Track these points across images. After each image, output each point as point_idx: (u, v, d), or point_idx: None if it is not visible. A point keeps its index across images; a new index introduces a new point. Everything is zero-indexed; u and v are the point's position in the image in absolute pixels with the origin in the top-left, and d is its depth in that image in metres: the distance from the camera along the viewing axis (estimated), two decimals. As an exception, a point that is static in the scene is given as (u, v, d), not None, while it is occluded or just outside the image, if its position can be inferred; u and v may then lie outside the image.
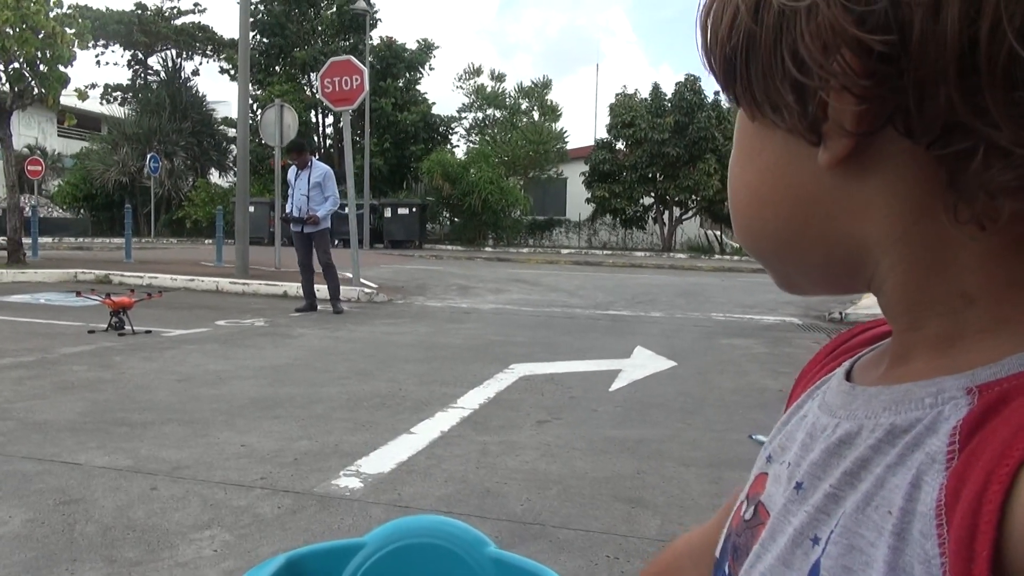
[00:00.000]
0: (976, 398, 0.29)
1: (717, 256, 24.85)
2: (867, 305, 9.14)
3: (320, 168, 8.50)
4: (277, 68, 30.23)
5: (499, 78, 29.71)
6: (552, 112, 28.82)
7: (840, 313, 9.05)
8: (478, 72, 29.74)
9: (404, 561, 0.92)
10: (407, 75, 30.09)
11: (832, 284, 0.37)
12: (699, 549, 0.56)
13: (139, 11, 31.59)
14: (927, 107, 0.28)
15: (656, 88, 26.15)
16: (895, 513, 0.29)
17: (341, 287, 8.83)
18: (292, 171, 8.54)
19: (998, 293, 0.30)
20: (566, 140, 28.41)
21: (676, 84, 25.91)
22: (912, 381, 0.32)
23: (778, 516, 0.36)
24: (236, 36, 18.93)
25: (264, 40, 29.59)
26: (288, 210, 8.53)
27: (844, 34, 0.28)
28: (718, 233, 28.57)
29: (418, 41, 30.98)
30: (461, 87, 29.81)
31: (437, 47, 31.06)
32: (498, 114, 29.44)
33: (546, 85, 29.31)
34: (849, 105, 0.29)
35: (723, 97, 0.37)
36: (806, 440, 0.37)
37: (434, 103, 30.39)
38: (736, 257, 24.05)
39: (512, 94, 29.31)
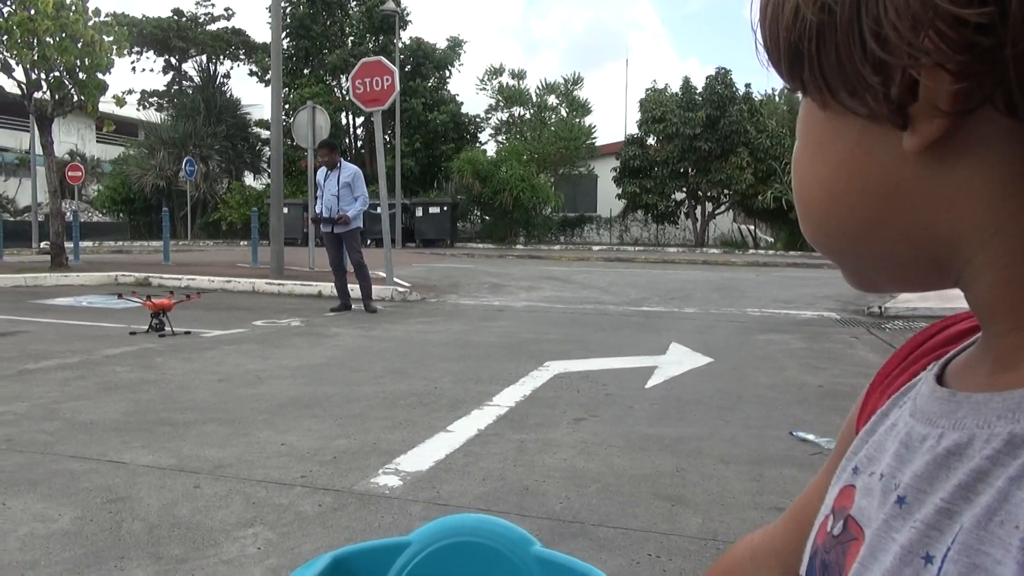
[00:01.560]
0: None
1: (751, 251, 24.55)
2: (906, 299, 8.94)
3: (349, 168, 8.52)
4: (306, 71, 30.56)
5: (520, 76, 29.70)
6: (582, 108, 28.71)
7: (879, 307, 8.88)
8: (500, 72, 29.76)
9: (449, 560, 0.92)
10: (436, 75, 30.20)
11: (914, 282, 0.35)
12: (761, 553, 0.54)
13: (176, 17, 32.16)
14: None
15: (687, 82, 25.92)
16: (1023, 528, 0.27)
17: (374, 286, 8.90)
18: (321, 172, 8.59)
19: None
20: (595, 136, 28.30)
21: (707, 78, 25.66)
22: None
23: (878, 533, 0.34)
24: (266, 40, 19.20)
25: (293, 43, 29.92)
26: (318, 211, 8.57)
27: (936, 7, 0.26)
28: (751, 227, 28.22)
29: (447, 40, 31.09)
30: (484, 88, 29.87)
31: (466, 42, 31.15)
32: (525, 113, 29.41)
33: (576, 81, 29.21)
34: (944, 83, 0.27)
35: (756, 90, 0.34)
36: (901, 451, 0.35)
37: (463, 102, 30.50)
38: (770, 252, 23.76)
39: (537, 91, 29.27)
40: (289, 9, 29.32)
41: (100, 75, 12.49)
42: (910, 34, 0.27)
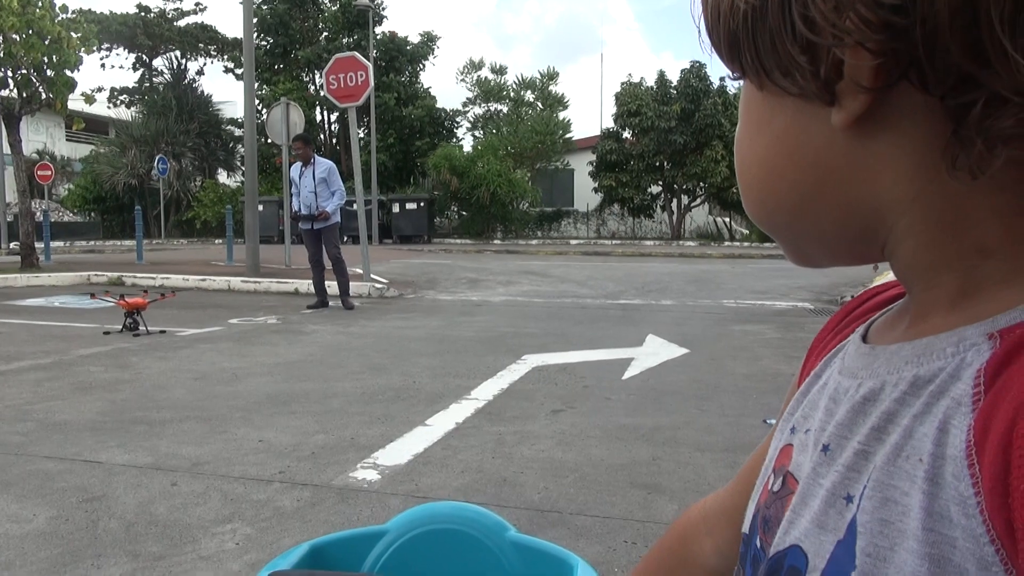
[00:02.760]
0: (998, 342, 0.30)
1: (727, 243, 24.77)
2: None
3: (324, 163, 8.44)
4: (281, 67, 30.28)
5: (500, 71, 29.69)
6: (559, 102, 28.76)
7: (852, 296, 9.01)
8: (479, 66, 29.74)
9: (426, 547, 0.93)
10: (409, 69, 30.06)
11: (847, 253, 0.37)
12: (712, 514, 0.56)
13: (142, 13, 31.67)
14: (938, 58, 0.28)
15: (662, 76, 26.05)
16: (926, 460, 0.30)
17: (351, 283, 8.86)
18: (296, 169, 8.50)
19: (1016, 245, 0.31)
20: (571, 130, 28.35)
21: (681, 71, 25.81)
22: (933, 335, 0.33)
23: (807, 480, 0.36)
24: (239, 35, 19.00)
25: (267, 39, 29.62)
26: (296, 208, 8.47)
27: None
28: (727, 220, 28.46)
29: (420, 34, 30.97)
30: (464, 81, 29.82)
31: (439, 38, 31.07)
32: (503, 108, 29.41)
33: (551, 76, 29.25)
34: (865, 61, 0.29)
35: (729, 83, 0.37)
36: (829, 405, 0.37)
37: (436, 97, 30.40)
38: (746, 244, 23.97)
39: (514, 86, 29.27)
40: (266, 6, 29.03)
41: (68, 72, 12.30)
42: (834, 16, 0.29)
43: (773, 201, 0.37)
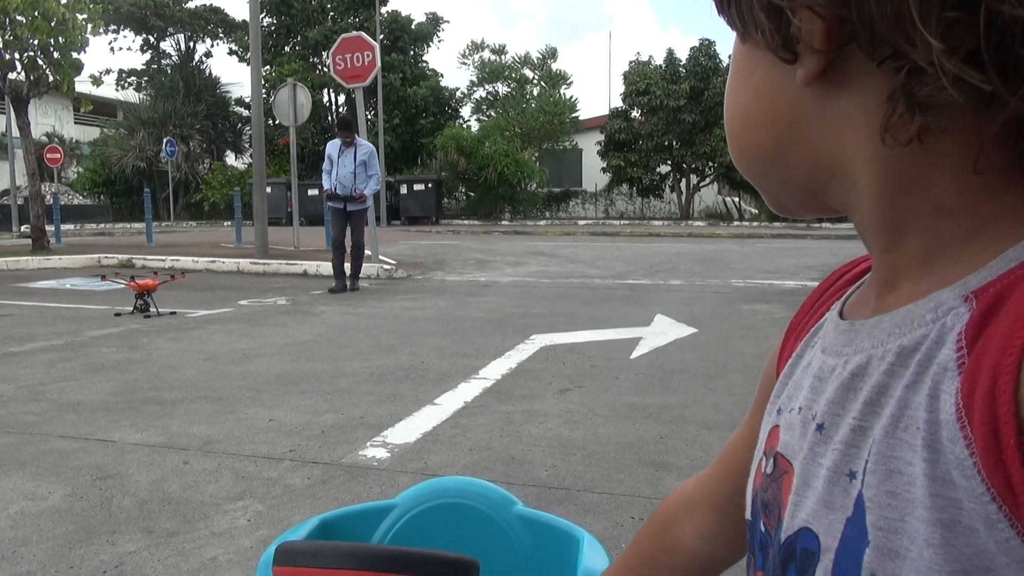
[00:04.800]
0: (975, 303, 0.30)
1: (736, 223, 24.63)
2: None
3: (366, 146, 8.35)
4: (287, 48, 30.14)
5: (499, 51, 29.50)
6: (562, 79, 28.57)
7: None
8: (481, 47, 29.54)
9: (434, 521, 0.94)
10: (414, 48, 29.88)
11: (816, 205, 0.39)
12: (693, 499, 0.57)
13: (155, -6, 31.53)
14: (872, 27, 0.30)
15: (670, 54, 25.81)
16: (922, 427, 0.30)
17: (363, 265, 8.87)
18: (334, 146, 8.34)
19: (973, 205, 0.32)
20: (578, 109, 28.18)
21: (691, 49, 25.58)
22: (911, 303, 0.33)
23: (805, 461, 0.36)
24: (245, 17, 18.96)
25: (272, 20, 29.47)
26: (330, 186, 8.28)
27: None
28: (736, 199, 28.30)
29: (427, 14, 30.75)
30: (466, 63, 29.65)
31: (445, 20, 30.87)
32: (504, 88, 29.26)
33: (551, 54, 29.09)
34: (815, 24, 0.31)
35: None
36: (815, 383, 0.38)
37: (442, 75, 30.25)
38: (755, 223, 23.85)
39: (515, 65, 29.11)
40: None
41: (75, 54, 12.29)
42: None
43: (751, 149, 0.39)
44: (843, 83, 0.33)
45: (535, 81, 29.02)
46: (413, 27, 29.64)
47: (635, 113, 26.21)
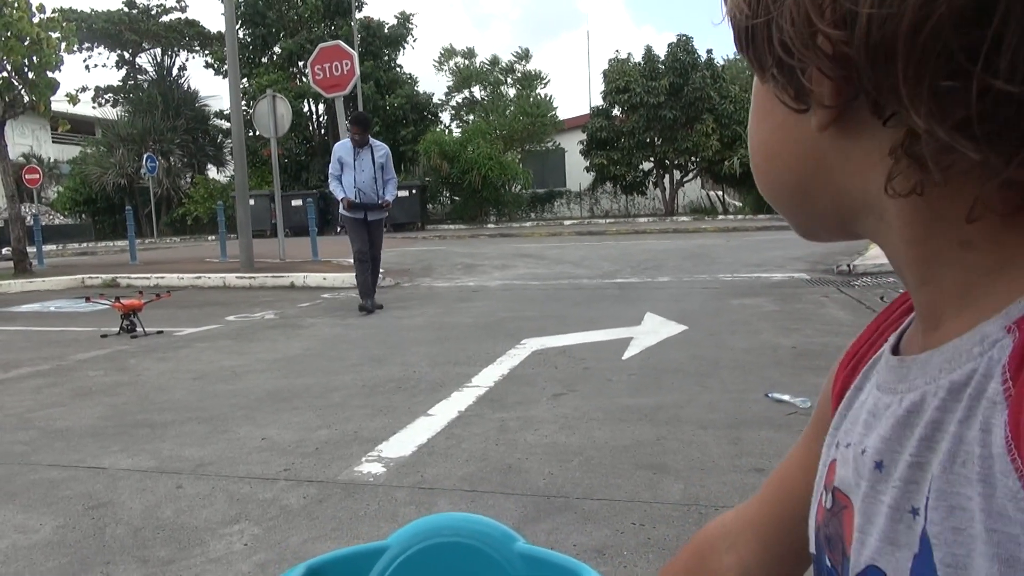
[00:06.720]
0: (1016, 334, 0.31)
1: (720, 217, 24.74)
2: (874, 256, 9.10)
3: (382, 147, 7.48)
4: (263, 59, 29.97)
5: (469, 54, 29.52)
6: (538, 78, 28.61)
7: (848, 265, 9.02)
8: (453, 52, 29.56)
9: (430, 561, 0.91)
10: (388, 53, 29.78)
11: (844, 232, 0.40)
12: (736, 531, 0.56)
13: (128, 10, 31.31)
14: (873, 91, 0.31)
15: (649, 51, 25.86)
16: (977, 462, 0.30)
17: (345, 275, 8.80)
18: (346, 148, 7.37)
19: (994, 237, 0.32)
20: (554, 107, 28.18)
21: (669, 45, 25.63)
22: (957, 337, 0.34)
23: (866, 499, 0.37)
24: (221, 29, 18.83)
25: (247, 31, 29.31)
26: (349, 194, 7.27)
27: (814, 27, 0.32)
28: (720, 193, 28.42)
29: (396, 16, 30.71)
30: (442, 70, 29.65)
31: (414, 15, 30.84)
32: (480, 92, 29.28)
33: (524, 55, 29.15)
34: (824, 84, 0.33)
35: (717, 56, 0.40)
36: (868, 419, 0.39)
37: (418, 79, 30.18)
38: (740, 216, 23.96)
39: (488, 67, 29.14)
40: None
41: (50, 73, 12.17)
42: (801, 46, 0.33)
43: (778, 184, 0.40)
44: (858, 129, 0.34)
45: (509, 83, 29.05)
46: (386, 31, 29.56)
47: (616, 111, 26.27)
